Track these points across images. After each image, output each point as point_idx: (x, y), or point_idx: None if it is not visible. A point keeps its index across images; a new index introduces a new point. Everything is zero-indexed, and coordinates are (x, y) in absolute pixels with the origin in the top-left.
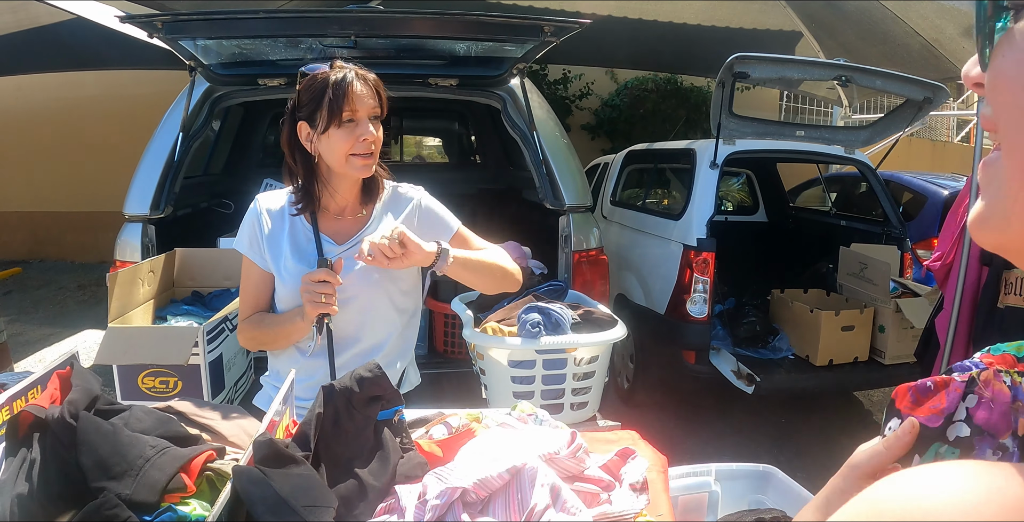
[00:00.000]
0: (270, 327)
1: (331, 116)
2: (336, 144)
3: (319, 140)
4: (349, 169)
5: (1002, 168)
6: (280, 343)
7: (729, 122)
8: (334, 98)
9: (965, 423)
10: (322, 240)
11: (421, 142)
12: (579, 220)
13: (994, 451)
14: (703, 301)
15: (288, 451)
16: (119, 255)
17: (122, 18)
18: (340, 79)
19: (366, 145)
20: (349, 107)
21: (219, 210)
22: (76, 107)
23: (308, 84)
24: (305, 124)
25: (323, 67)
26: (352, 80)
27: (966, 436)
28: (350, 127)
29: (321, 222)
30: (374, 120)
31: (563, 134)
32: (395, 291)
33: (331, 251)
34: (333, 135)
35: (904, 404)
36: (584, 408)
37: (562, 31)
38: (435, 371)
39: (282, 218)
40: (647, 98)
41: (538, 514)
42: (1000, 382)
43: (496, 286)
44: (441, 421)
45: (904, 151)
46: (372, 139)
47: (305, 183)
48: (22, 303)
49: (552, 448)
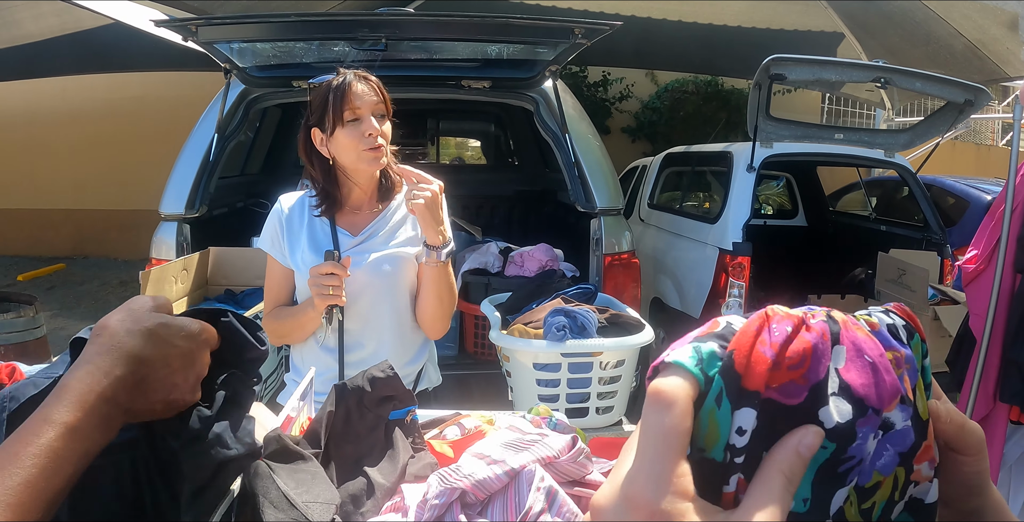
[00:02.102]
0: (285, 319)
1: (336, 117)
2: (345, 143)
3: (330, 142)
4: (361, 163)
5: None
6: (296, 335)
7: (766, 125)
8: (336, 100)
9: (841, 396)
10: (338, 232)
11: (462, 144)
12: (611, 223)
13: (875, 434)
14: (738, 306)
15: (297, 448)
16: (155, 253)
17: (157, 22)
18: (340, 82)
19: (372, 140)
20: (350, 106)
21: (256, 210)
22: (119, 108)
23: (315, 93)
24: (317, 130)
25: (328, 77)
26: (352, 81)
27: (847, 421)
28: (355, 125)
29: (338, 217)
30: (380, 117)
31: (596, 136)
32: (405, 285)
33: (346, 242)
34: (340, 135)
35: (759, 372)
36: (610, 412)
37: (593, 33)
38: (465, 372)
39: (302, 214)
40: (688, 100)
41: (534, 516)
42: (860, 327)
43: (436, 314)
44: (455, 422)
45: (948, 155)
46: (377, 133)
47: (325, 185)
48: (65, 298)
49: (551, 451)
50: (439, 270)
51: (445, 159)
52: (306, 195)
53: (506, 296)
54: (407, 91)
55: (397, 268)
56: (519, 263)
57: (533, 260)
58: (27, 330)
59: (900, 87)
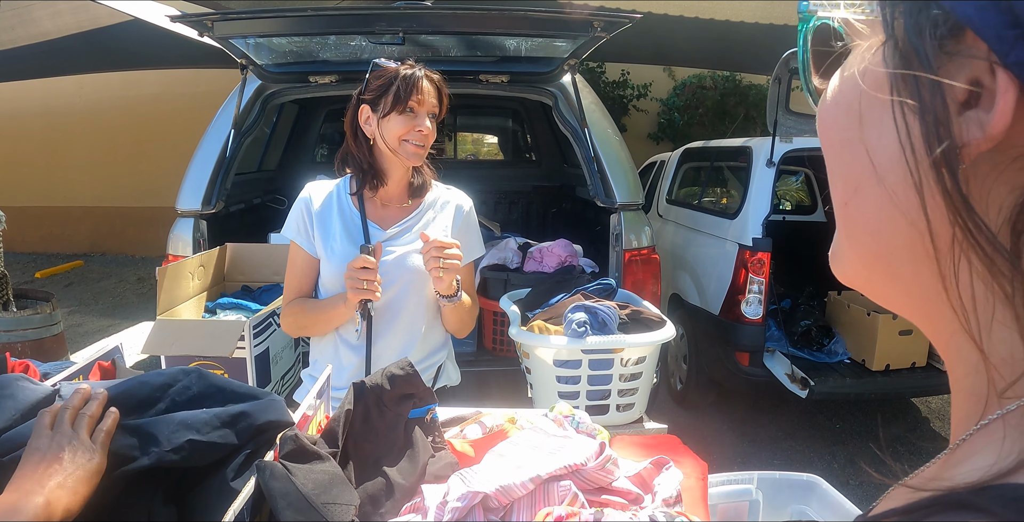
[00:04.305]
0: (312, 312)
1: (396, 102)
2: (394, 127)
3: (380, 123)
4: (401, 152)
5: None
6: (320, 328)
7: (786, 119)
8: (403, 87)
9: None
10: (368, 225)
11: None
12: (630, 218)
13: None
14: (758, 302)
15: (314, 447)
16: (171, 249)
17: (173, 18)
18: (411, 74)
19: (420, 136)
20: (415, 98)
21: (272, 206)
22: (137, 105)
23: (379, 73)
24: (367, 107)
25: (395, 63)
26: (421, 76)
27: None
28: (410, 116)
29: (369, 209)
30: (432, 118)
31: (616, 132)
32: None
33: (376, 236)
34: (393, 119)
35: None
36: (631, 409)
37: (612, 26)
38: (484, 369)
39: (331, 203)
40: (706, 96)
41: None
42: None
43: (461, 325)
44: (476, 420)
45: None
46: (427, 132)
47: (362, 162)
48: (83, 295)
49: (579, 459)
50: (455, 308)
51: (463, 154)
52: (336, 184)
53: (525, 292)
54: None
55: (420, 263)
56: (538, 259)
57: (552, 256)
58: (44, 327)
59: None
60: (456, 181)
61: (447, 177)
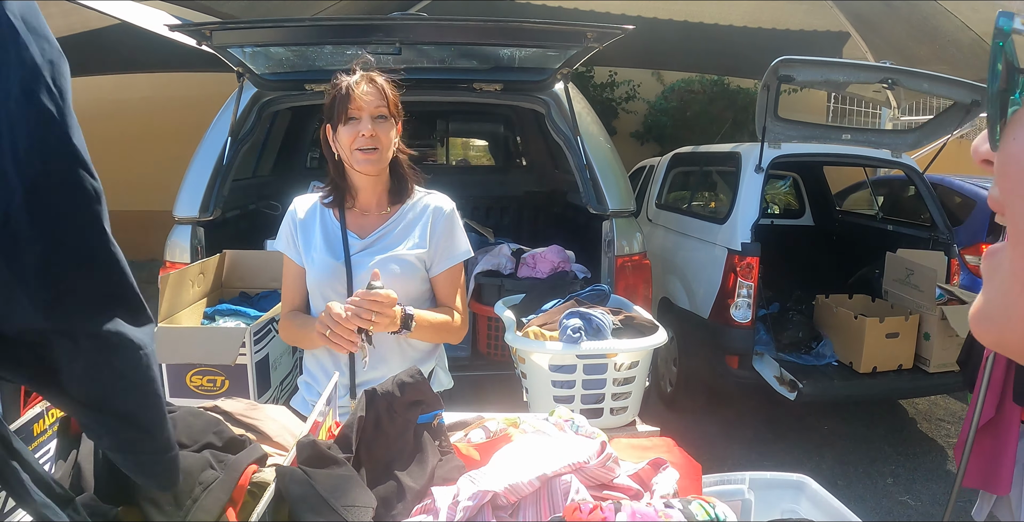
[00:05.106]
0: (300, 329)
1: (338, 115)
2: (343, 138)
3: (334, 138)
4: (354, 162)
5: (1007, 259)
6: (306, 345)
7: (774, 126)
8: (340, 99)
9: None
10: (348, 235)
11: (468, 144)
12: (622, 224)
13: None
14: (747, 306)
15: (330, 452)
16: (169, 256)
17: (172, 27)
18: (346, 83)
19: (364, 140)
20: (353, 106)
21: (266, 212)
22: (128, 108)
23: (329, 89)
24: (329, 126)
25: (344, 74)
26: (357, 82)
27: None
28: (353, 124)
29: (348, 219)
30: (380, 119)
31: (607, 139)
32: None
33: (355, 245)
34: (341, 131)
35: None
36: (624, 413)
37: (605, 37)
38: (478, 373)
39: (314, 215)
40: (694, 100)
41: None
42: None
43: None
44: (480, 425)
45: (954, 154)
46: (369, 134)
47: (335, 177)
48: None
49: (582, 457)
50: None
51: (453, 160)
52: (319, 197)
53: (519, 297)
54: (419, 94)
55: (405, 269)
56: (531, 264)
57: (545, 261)
58: None
59: (907, 87)
60: (447, 187)
61: (439, 183)
